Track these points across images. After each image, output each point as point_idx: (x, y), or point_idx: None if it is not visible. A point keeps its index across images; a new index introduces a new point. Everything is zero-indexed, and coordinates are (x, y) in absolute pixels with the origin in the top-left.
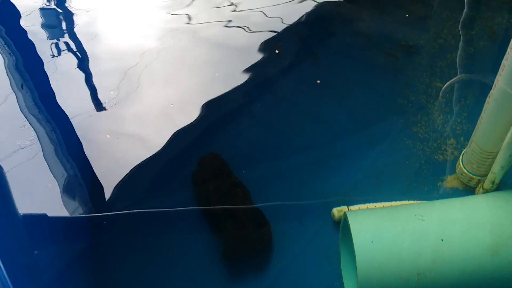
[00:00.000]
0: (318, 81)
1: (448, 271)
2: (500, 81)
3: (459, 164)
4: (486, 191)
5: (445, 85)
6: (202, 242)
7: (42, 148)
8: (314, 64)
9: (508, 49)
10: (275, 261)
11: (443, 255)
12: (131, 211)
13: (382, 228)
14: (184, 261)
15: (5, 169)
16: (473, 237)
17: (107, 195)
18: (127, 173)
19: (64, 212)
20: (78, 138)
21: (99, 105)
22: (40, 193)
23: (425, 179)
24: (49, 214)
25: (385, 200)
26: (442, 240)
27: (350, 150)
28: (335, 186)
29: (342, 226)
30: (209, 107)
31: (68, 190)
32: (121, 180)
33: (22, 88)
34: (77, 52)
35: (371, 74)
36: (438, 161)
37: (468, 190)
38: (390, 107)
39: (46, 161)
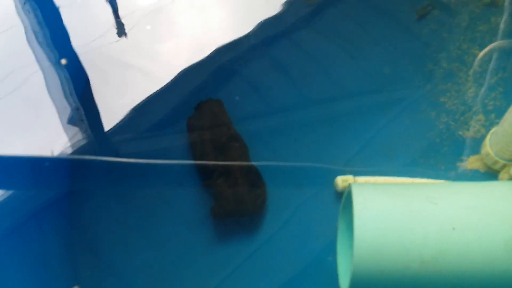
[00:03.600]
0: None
1: (455, 263)
2: None
3: (485, 144)
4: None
5: (482, 52)
6: (191, 196)
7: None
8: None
9: None
10: (266, 226)
11: (453, 245)
12: (116, 159)
13: (389, 207)
14: (168, 215)
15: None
16: (488, 230)
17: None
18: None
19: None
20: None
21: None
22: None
23: (444, 156)
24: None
25: (395, 175)
26: (453, 229)
27: (363, 113)
28: (342, 151)
29: (345, 198)
30: (223, 49)
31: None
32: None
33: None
34: None
35: (400, 31)
36: (462, 138)
37: (490, 174)
38: (417, 70)
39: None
